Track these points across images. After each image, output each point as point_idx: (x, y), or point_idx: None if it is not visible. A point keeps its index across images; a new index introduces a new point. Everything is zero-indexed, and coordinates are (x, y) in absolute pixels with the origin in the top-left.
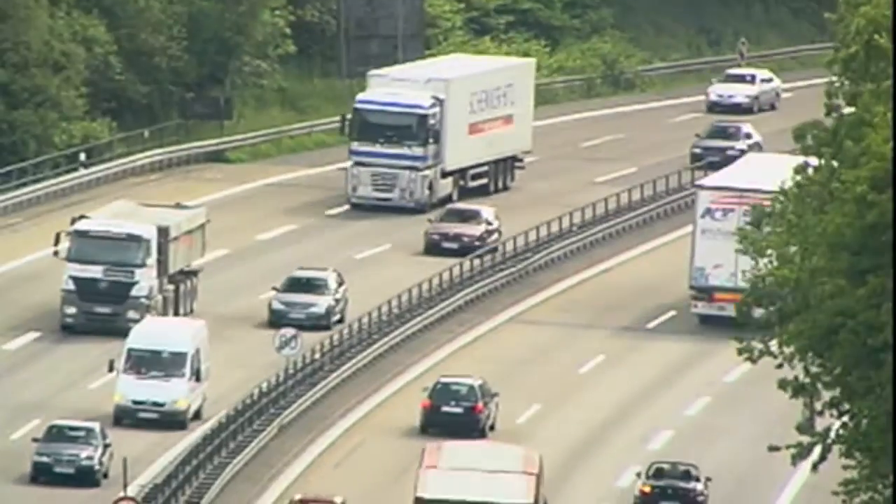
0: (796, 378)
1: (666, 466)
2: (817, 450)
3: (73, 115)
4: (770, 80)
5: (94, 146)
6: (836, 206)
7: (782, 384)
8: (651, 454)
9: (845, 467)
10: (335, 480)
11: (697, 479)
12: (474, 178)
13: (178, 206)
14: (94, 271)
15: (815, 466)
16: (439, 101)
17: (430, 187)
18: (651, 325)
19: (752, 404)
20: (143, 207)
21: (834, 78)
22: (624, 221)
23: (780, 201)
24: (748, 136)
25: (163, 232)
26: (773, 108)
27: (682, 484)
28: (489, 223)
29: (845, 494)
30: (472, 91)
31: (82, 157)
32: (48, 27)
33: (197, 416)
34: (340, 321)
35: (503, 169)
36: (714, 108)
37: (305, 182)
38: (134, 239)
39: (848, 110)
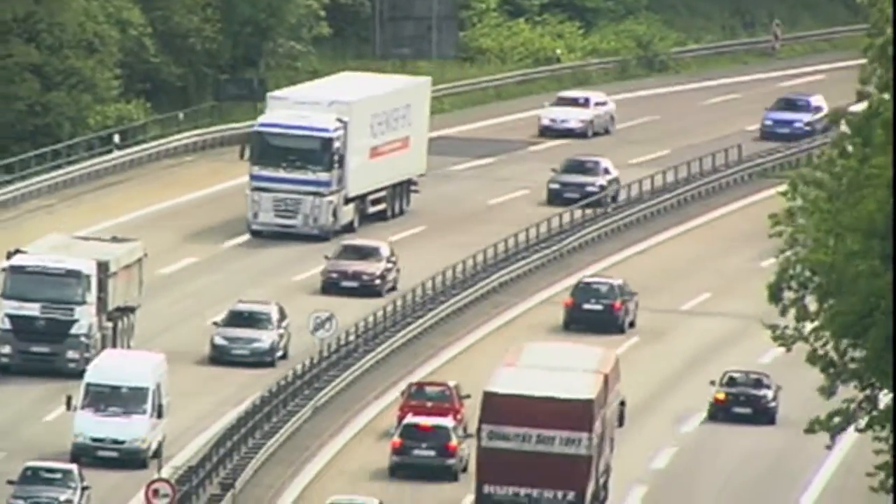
0: (826, 354)
1: (738, 375)
2: (838, 420)
3: (107, 96)
4: (604, 104)
5: (128, 128)
6: (870, 191)
7: (811, 358)
8: (684, 436)
9: (876, 451)
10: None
11: (768, 387)
12: (373, 203)
13: (115, 239)
14: (31, 308)
15: (832, 437)
16: (343, 124)
17: (335, 214)
18: (685, 306)
19: (788, 385)
20: (79, 241)
21: (866, 62)
22: (658, 203)
23: (812, 187)
24: (606, 171)
25: (102, 267)
26: (607, 132)
27: (753, 391)
28: (388, 259)
29: (879, 475)
30: (373, 113)
31: (116, 138)
32: (83, 9)
33: (156, 454)
34: (284, 357)
35: (400, 193)
36: (546, 132)
37: None
38: (73, 275)
39: (882, 96)
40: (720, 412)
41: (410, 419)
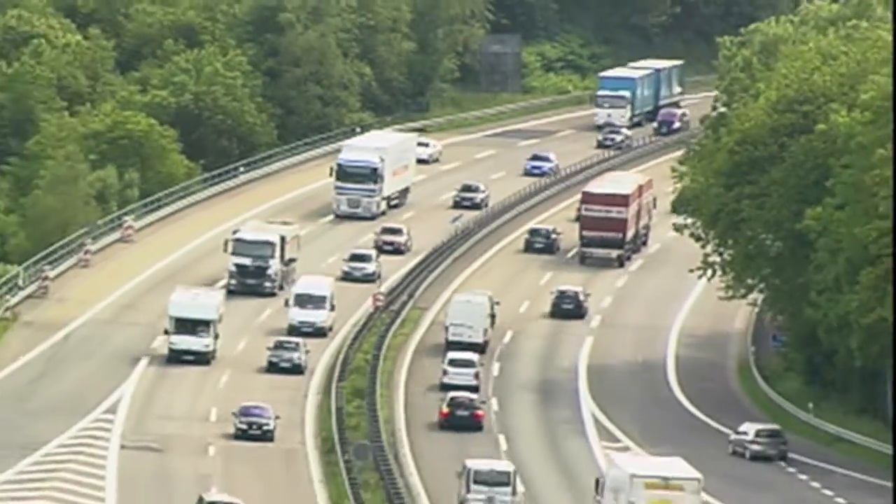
0: (696, 231)
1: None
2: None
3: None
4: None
5: (274, 152)
6: (718, 155)
7: (677, 227)
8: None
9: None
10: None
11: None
12: (392, 200)
13: (285, 223)
14: (246, 260)
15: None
16: (382, 160)
17: (377, 206)
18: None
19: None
20: (267, 224)
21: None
22: None
23: (696, 148)
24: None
25: (282, 239)
26: None
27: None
28: (407, 234)
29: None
30: (393, 154)
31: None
32: (342, 65)
33: (329, 329)
34: (377, 278)
35: (404, 194)
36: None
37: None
38: (267, 243)
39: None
40: None
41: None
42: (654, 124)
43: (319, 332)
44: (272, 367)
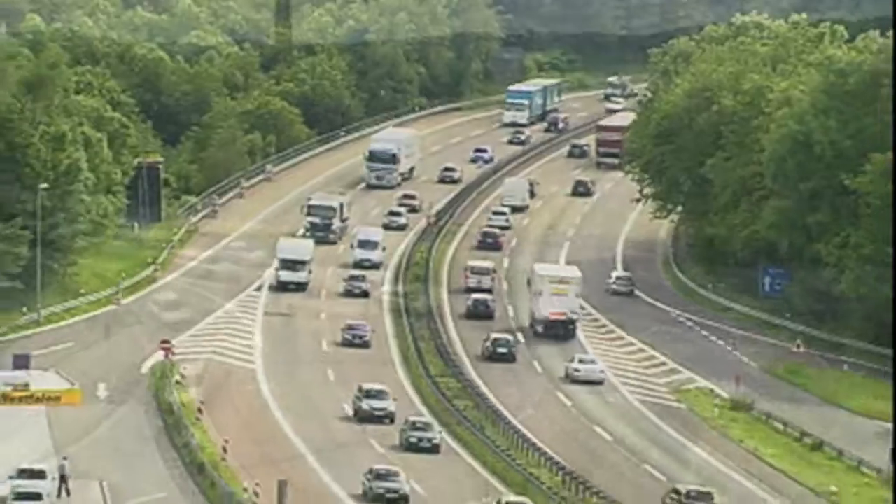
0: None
1: None
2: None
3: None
4: None
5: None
6: (669, 95)
7: (626, 171)
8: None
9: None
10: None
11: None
12: (405, 174)
13: (341, 192)
14: (315, 219)
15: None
16: (399, 148)
17: (396, 179)
18: None
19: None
20: (327, 194)
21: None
22: None
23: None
24: None
25: (340, 204)
26: None
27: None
28: (419, 199)
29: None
30: (405, 143)
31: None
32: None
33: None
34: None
35: (412, 170)
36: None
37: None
38: (330, 207)
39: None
40: None
41: None
42: (545, 124)
43: (375, 266)
44: (347, 294)
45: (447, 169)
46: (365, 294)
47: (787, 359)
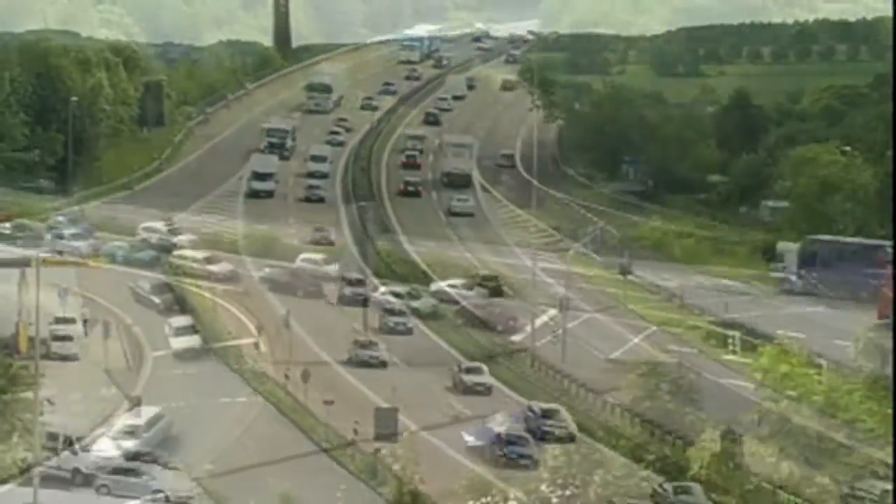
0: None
1: None
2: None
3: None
4: None
5: None
6: None
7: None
8: None
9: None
10: None
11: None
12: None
13: (292, 117)
14: (274, 139)
15: None
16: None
17: (332, 107)
18: None
19: None
20: (283, 118)
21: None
22: None
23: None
24: None
25: (292, 128)
26: None
27: None
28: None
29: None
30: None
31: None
32: None
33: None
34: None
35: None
36: None
37: None
38: (285, 130)
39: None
40: None
41: None
42: (432, 61)
43: (324, 175)
44: (306, 200)
45: (367, 98)
46: (321, 199)
47: None
